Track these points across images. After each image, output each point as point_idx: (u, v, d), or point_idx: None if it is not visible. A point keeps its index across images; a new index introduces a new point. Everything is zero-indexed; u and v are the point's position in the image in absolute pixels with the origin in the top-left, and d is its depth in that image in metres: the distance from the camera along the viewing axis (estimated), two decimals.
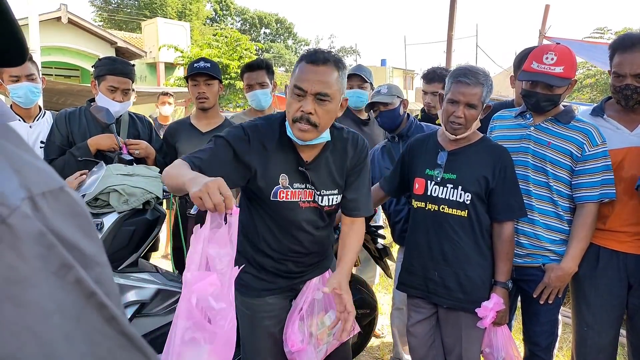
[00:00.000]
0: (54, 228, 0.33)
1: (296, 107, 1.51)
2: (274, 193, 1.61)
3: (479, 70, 1.88)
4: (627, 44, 1.89)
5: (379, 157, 2.62)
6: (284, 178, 1.61)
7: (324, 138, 1.60)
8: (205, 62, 2.65)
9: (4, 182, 0.32)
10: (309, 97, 1.49)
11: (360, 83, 3.10)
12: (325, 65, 1.50)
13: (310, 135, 1.53)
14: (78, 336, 0.32)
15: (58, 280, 0.32)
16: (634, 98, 1.91)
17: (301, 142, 1.56)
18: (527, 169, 2.02)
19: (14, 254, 0.30)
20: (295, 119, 1.51)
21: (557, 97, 1.93)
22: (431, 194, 1.96)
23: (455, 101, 1.85)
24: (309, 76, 1.49)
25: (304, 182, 1.63)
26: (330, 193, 1.67)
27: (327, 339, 1.73)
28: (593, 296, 2.04)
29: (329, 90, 1.49)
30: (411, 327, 2.10)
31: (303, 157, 1.63)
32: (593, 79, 12.90)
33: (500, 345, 1.93)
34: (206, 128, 2.70)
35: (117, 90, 2.41)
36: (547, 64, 1.88)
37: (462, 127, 1.87)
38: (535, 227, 2.02)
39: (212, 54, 13.07)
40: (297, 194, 1.63)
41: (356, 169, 1.70)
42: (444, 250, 1.93)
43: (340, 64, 1.54)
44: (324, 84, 1.49)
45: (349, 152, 1.68)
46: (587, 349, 2.08)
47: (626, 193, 1.97)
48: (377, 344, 3.23)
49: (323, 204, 1.67)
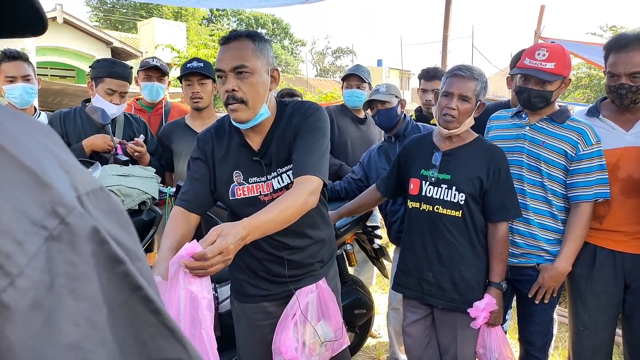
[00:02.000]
0: (101, 225, 0.35)
1: (222, 90, 1.50)
2: (232, 192, 1.59)
3: (474, 67, 1.92)
4: (621, 43, 1.91)
5: (376, 158, 2.62)
6: (237, 175, 1.59)
7: (262, 115, 1.54)
8: (199, 61, 2.65)
9: (60, 182, 0.33)
10: (229, 75, 1.48)
11: (359, 83, 3.10)
12: (237, 40, 1.49)
13: (244, 114, 1.50)
14: (120, 322, 0.34)
15: (108, 274, 0.34)
16: (628, 97, 1.92)
17: (241, 125, 1.53)
18: (522, 168, 2.02)
19: (73, 251, 0.32)
20: (225, 102, 1.50)
21: (549, 93, 1.94)
22: (426, 195, 1.97)
23: (450, 93, 1.87)
24: (223, 55, 1.49)
25: (262, 175, 1.59)
26: (287, 169, 1.57)
27: (320, 350, 1.69)
28: (589, 296, 2.05)
29: (245, 62, 1.47)
30: (407, 327, 2.10)
31: (253, 147, 1.59)
32: (587, 79, 12.96)
33: (494, 346, 1.93)
34: (201, 128, 2.68)
35: (115, 93, 2.41)
36: (538, 59, 1.91)
37: (454, 121, 1.87)
38: (530, 226, 2.02)
39: (208, 54, 13.04)
40: (254, 188, 1.59)
41: (302, 132, 1.55)
42: (439, 251, 1.93)
43: (254, 36, 1.51)
44: (238, 57, 1.47)
45: (294, 120, 1.58)
46: (583, 349, 2.09)
47: (623, 193, 1.97)
48: (373, 344, 3.23)
49: (283, 184, 1.57)
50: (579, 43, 4.93)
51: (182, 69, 2.66)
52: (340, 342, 1.75)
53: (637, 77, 1.87)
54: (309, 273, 1.72)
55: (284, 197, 1.40)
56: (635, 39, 1.88)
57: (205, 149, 1.61)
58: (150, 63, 3.02)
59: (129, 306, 0.35)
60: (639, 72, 1.86)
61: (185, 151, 2.64)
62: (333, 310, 1.73)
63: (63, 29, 13.18)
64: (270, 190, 1.59)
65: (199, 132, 2.64)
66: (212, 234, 1.18)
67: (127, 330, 0.35)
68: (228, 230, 1.19)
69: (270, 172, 1.59)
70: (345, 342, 1.73)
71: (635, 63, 1.86)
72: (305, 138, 1.53)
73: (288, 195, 1.40)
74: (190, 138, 2.66)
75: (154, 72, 3.02)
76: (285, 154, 1.57)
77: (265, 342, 1.69)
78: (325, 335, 1.67)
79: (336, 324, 1.73)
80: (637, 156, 1.94)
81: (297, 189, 1.43)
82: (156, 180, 2.18)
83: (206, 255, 1.13)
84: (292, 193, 1.41)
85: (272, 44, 1.67)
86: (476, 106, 1.90)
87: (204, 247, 1.15)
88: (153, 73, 3.02)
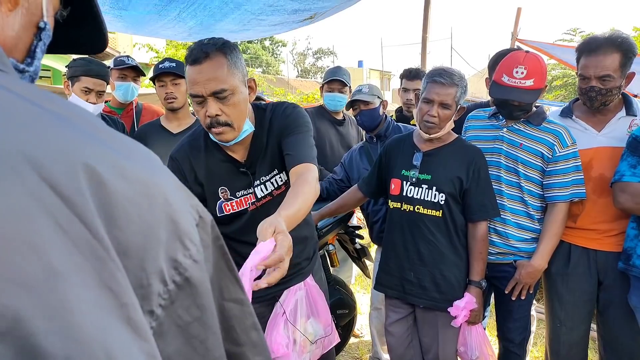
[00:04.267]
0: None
1: (202, 113, 1.41)
2: (219, 208, 1.55)
3: (454, 72, 1.91)
4: (592, 46, 1.94)
5: (357, 158, 2.63)
6: (223, 190, 1.55)
7: (247, 131, 1.49)
8: (170, 62, 2.61)
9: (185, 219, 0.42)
10: (208, 99, 1.38)
11: (341, 87, 3.10)
12: (208, 59, 1.36)
13: (230, 134, 1.44)
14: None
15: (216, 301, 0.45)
16: (598, 99, 1.96)
17: (227, 144, 1.48)
18: (500, 169, 2.06)
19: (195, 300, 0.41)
20: (208, 125, 1.43)
21: (529, 106, 1.97)
22: (407, 195, 1.99)
23: (430, 100, 1.88)
24: (196, 78, 1.37)
25: (249, 186, 1.56)
26: (271, 176, 1.56)
27: (310, 348, 1.70)
28: (565, 293, 2.09)
29: (224, 84, 1.37)
30: (389, 327, 2.12)
31: (237, 158, 1.54)
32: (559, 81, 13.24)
33: (475, 344, 1.96)
34: (177, 129, 2.65)
35: (91, 91, 2.37)
36: (517, 77, 1.89)
37: (435, 127, 1.90)
38: (507, 226, 2.06)
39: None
40: (243, 201, 1.56)
41: (287, 130, 1.52)
42: (420, 251, 1.95)
43: (225, 49, 1.38)
44: (215, 80, 1.36)
45: (275, 125, 1.55)
46: (560, 344, 2.14)
47: (595, 192, 2.02)
48: (356, 344, 3.24)
49: (267, 192, 1.55)
50: (553, 45, 5.04)
51: (155, 69, 2.61)
52: (330, 339, 1.76)
53: (607, 80, 1.91)
54: (297, 272, 1.71)
55: (298, 186, 1.33)
56: (605, 42, 1.91)
57: (183, 169, 1.54)
58: (127, 62, 2.94)
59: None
60: (608, 75, 1.90)
61: (161, 153, 2.57)
62: (322, 307, 1.73)
63: None
64: (254, 199, 1.57)
65: (175, 132, 2.63)
66: (269, 230, 1.08)
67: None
68: (280, 227, 1.10)
69: (255, 181, 1.57)
70: (336, 338, 1.73)
71: (605, 66, 1.90)
72: (293, 133, 1.51)
73: (300, 184, 1.33)
74: (166, 139, 2.62)
75: (129, 71, 2.96)
76: (269, 160, 1.55)
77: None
78: (316, 333, 1.68)
79: (325, 320, 1.73)
80: (608, 156, 1.99)
81: (304, 177, 1.37)
82: None
83: (283, 258, 1.06)
84: (302, 182, 1.34)
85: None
86: (456, 110, 1.92)
87: (263, 242, 1.07)
88: (129, 73, 2.95)
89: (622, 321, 2.00)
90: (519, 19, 4.97)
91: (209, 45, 1.37)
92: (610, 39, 1.91)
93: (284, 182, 1.60)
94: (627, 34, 1.97)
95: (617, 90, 1.95)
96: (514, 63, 1.91)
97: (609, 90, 1.93)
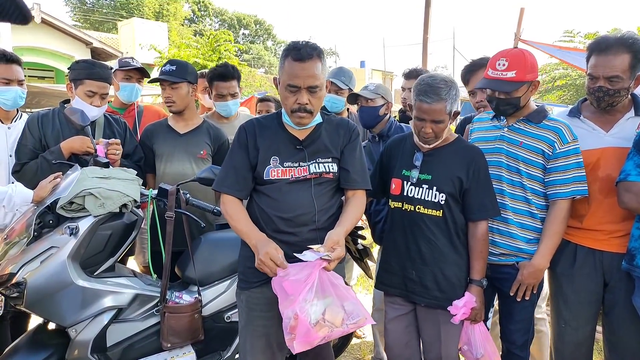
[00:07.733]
0: None
1: (292, 100, 1.74)
2: (266, 173, 1.81)
3: (439, 85, 1.86)
4: (602, 46, 1.92)
5: None
6: (274, 159, 1.82)
7: (317, 120, 1.87)
8: (171, 64, 2.60)
9: None
10: (302, 90, 1.72)
11: (336, 89, 3.09)
12: (311, 60, 1.71)
13: (308, 120, 1.80)
14: None
15: None
16: (605, 100, 1.95)
17: (300, 127, 1.82)
18: (501, 169, 2.05)
19: None
20: (294, 110, 1.75)
21: (517, 100, 1.96)
22: (407, 194, 1.99)
23: (422, 119, 1.90)
24: (298, 73, 1.70)
25: (301, 161, 1.82)
26: (325, 161, 1.85)
27: (341, 325, 1.56)
28: (570, 293, 2.08)
29: (318, 82, 1.73)
30: (388, 324, 2.12)
31: (298, 137, 1.85)
32: (563, 81, 13.15)
33: (479, 343, 1.95)
34: (184, 129, 2.66)
35: (95, 95, 2.37)
36: (499, 69, 1.94)
37: (432, 139, 1.92)
38: (509, 225, 2.05)
39: (190, 55, 12.90)
40: (287, 171, 1.81)
41: (348, 145, 1.89)
42: (421, 250, 1.96)
43: (321, 54, 1.76)
44: (312, 77, 1.71)
45: (340, 131, 1.90)
46: (565, 345, 2.13)
47: (602, 192, 2.01)
48: (358, 344, 3.24)
49: (320, 170, 1.82)
50: (555, 48, 5.03)
51: (159, 72, 2.65)
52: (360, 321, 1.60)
53: (615, 81, 1.90)
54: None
55: (353, 208, 1.82)
56: (616, 42, 1.89)
57: (247, 138, 1.85)
58: (132, 64, 2.98)
59: None
60: (617, 76, 1.89)
61: (167, 152, 2.60)
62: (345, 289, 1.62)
63: (41, 28, 12.90)
64: (306, 173, 1.82)
65: (182, 133, 2.63)
66: (332, 240, 1.63)
67: None
68: (342, 241, 1.65)
69: (309, 159, 1.84)
70: (370, 319, 1.60)
71: (614, 66, 1.88)
72: (356, 154, 1.89)
73: (355, 206, 1.83)
74: (173, 139, 2.62)
75: (134, 73, 2.99)
76: (326, 146, 1.86)
77: (263, 335, 1.83)
78: (351, 312, 1.57)
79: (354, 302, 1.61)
80: (616, 156, 1.98)
81: (359, 201, 1.86)
82: (138, 183, 2.15)
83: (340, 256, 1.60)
84: (357, 206, 1.84)
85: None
86: (451, 118, 1.92)
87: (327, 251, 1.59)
88: (134, 74, 2.99)
89: (627, 322, 1.98)
90: (522, 19, 4.95)
91: (312, 49, 1.72)
92: (622, 40, 1.89)
93: (334, 174, 1.86)
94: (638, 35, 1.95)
95: (625, 92, 1.93)
96: (498, 57, 1.98)
97: (617, 91, 1.92)
